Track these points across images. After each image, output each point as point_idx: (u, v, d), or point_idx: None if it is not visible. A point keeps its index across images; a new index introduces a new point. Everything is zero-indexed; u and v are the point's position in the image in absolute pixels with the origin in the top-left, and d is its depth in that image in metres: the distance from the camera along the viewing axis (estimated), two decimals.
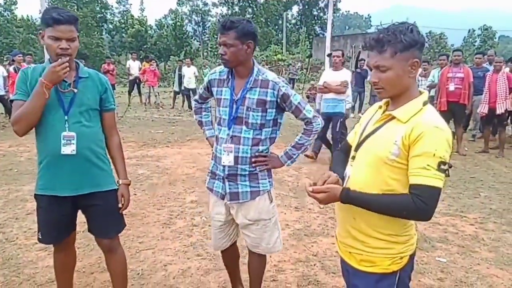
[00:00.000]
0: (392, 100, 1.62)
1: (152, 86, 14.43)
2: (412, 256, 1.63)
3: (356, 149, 1.67)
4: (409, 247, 1.60)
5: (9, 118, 10.60)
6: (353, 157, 1.68)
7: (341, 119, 6.36)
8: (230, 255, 2.63)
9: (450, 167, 1.46)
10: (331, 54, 7.33)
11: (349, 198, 1.54)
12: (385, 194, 1.53)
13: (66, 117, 2.17)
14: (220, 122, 2.34)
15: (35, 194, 2.32)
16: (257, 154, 2.29)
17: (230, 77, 2.31)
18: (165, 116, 12.13)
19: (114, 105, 2.43)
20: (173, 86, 15.76)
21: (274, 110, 2.27)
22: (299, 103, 2.29)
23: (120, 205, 2.35)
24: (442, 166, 1.42)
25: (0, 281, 3.00)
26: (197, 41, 50.46)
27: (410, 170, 1.46)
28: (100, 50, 33.80)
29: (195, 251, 3.54)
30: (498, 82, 7.23)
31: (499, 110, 7.19)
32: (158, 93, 15.01)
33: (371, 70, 1.67)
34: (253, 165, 2.29)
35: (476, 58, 8.70)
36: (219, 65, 2.44)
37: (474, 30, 45.75)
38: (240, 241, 2.66)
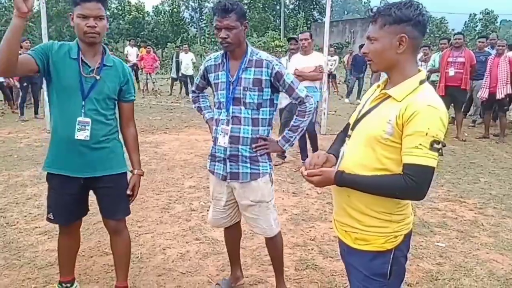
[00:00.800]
0: (389, 79, 1.61)
1: (150, 73, 14.38)
2: (407, 236, 1.61)
3: (353, 128, 1.66)
4: (404, 226, 1.59)
5: (8, 105, 10.76)
6: (349, 136, 1.67)
7: (317, 110, 5.31)
8: (232, 234, 2.67)
9: (444, 146, 1.44)
10: (293, 38, 6.40)
11: (343, 180, 1.55)
12: (378, 175, 1.52)
13: (83, 103, 2.20)
14: (220, 106, 2.37)
15: (47, 174, 2.34)
16: (257, 136, 2.31)
17: (224, 60, 2.35)
18: (163, 103, 12.09)
19: (134, 96, 2.45)
20: (170, 72, 15.69)
21: (269, 89, 2.30)
22: (292, 82, 2.31)
23: (129, 192, 2.40)
24: (435, 145, 1.41)
25: (1, 264, 3.03)
26: (194, 27, 50.05)
27: (403, 150, 1.45)
28: None
29: (194, 235, 3.55)
30: (499, 66, 7.10)
31: (500, 95, 7.09)
32: (155, 80, 14.98)
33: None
34: (254, 150, 2.31)
35: (478, 42, 8.55)
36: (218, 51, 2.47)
37: (475, 15, 45.31)
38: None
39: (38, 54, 2.12)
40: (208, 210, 3.19)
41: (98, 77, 2.21)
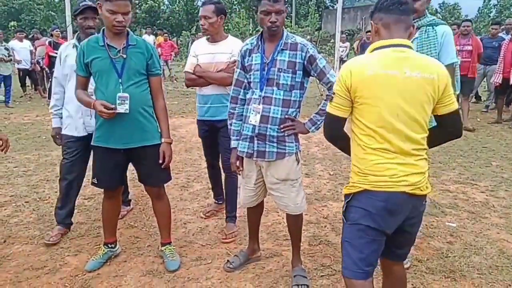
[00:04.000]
0: None
1: (167, 60, 14.52)
2: (371, 192, 1.72)
3: None
4: (365, 181, 1.73)
5: (35, 90, 11.20)
6: None
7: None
8: (256, 210, 2.78)
9: (334, 93, 1.78)
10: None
11: None
12: None
13: (120, 80, 2.46)
14: (251, 85, 2.46)
15: (91, 145, 2.67)
16: (286, 116, 2.38)
17: (260, 43, 2.44)
18: (179, 89, 12.19)
19: (160, 70, 2.67)
20: (186, 60, 15.73)
21: (302, 72, 2.38)
22: (324, 66, 2.38)
23: (160, 161, 2.59)
24: (332, 94, 1.80)
25: (37, 234, 3.27)
26: None
27: None
28: None
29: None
30: None
31: None
32: (172, 66, 15.16)
33: None
34: (281, 130, 2.38)
35: (492, 28, 8.46)
36: None
37: (489, 0, 44.19)
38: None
39: (80, 67, 2.56)
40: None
41: (124, 56, 2.47)
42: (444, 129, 1.84)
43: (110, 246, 2.85)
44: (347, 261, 1.77)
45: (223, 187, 3.41)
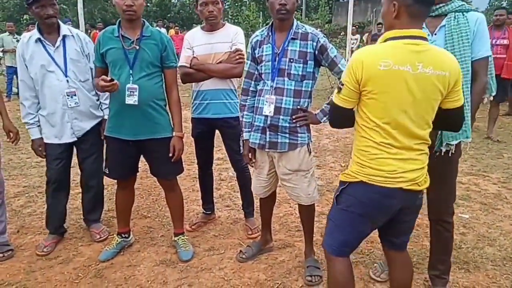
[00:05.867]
0: None
1: (178, 54, 14.54)
2: (367, 184, 1.72)
3: None
4: (361, 173, 1.74)
5: None
6: None
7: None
8: (268, 201, 2.78)
9: (343, 85, 1.71)
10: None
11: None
12: None
13: (131, 71, 2.45)
14: (263, 76, 2.43)
15: (105, 135, 2.68)
16: (298, 107, 2.36)
17: (270, 33, 2.41)
18: None
19: (175, 63, 2.62)
20: None
21: (313, 62, 2.35)
22: (335, 56, 2.36)
23: (170, 154, 2.59)
24: (340, 85, 1.73)
25: (72, 223, 3.33)
26: None
27: None
28: None
29: (224, 202, 3.73)
30: None
31: None
32: None
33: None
34: (294, 121, 2.37)
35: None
36: (245, 34, 2.52)
37: None
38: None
39: (97, 58, 2.58)
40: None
41: (137, 47, 2.46)
42: (443, 121, 1.78)
43: (123, 236, 2.87)
44: (328, 238, 1.89)
45: (213, 196, 3.39)
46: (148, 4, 38.84)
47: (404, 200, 1.75)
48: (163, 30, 15.33)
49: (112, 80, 2.36)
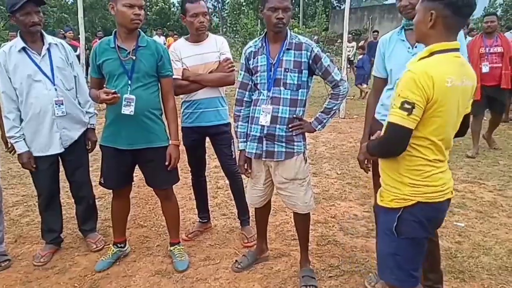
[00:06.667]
0: None
1: None
2: (426, 205, 1.69)
3: None
4: (418, 193, 1.68)
5: None
6: None
7: (233, 139, 3.07)
8: (263, 210, 2.78)
9: (409, 104, 1.54)
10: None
11: (367, 150, 1.85)
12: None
13: (129, 82, 2.47)
14: (258, 86, 2.45)
15: (100, 145, 2.68)
16: (294, 116, 2.39)
17: (264, 44, 2.44)
18: None
19: (171, 72, 2.64)
20: None
21: (307, 71, 2.39)
22: (328, 65, 2.39)
23: (166, 163, 2.59)
24: (406, 105, 1.55)
25: (69, 232, 3.31)
26: (216, 17, 50.25)
27: None
28: None
29: (220, 211, 3.74)
30: None
31: None
32: None
33: None
34: (290, 129, 2.40)
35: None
36: (243, 41, 2.56)
37: (495, 0, 43.87)
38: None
39: (93, 69, 2.59)
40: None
41: (134, 58, 2.48)
42: (459, 129, 1.80)
43: (119, 246, 2.87)
44: (399, 273, 1.76)
45: (208, 204, 3.41)
46: (148, 13, 39.23)
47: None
48: (162, 39, 15.45)
49: (114, 92, 2.39)
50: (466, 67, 1.67)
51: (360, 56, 11.75)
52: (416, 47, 2.20)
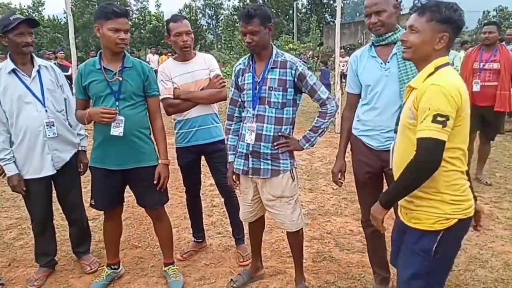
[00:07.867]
0: (417, 70, 1.76)
1: None
2: (464, 221, 1.66)
3: (397, 123, 1.84)
4: (459, 211, 1.64)
5: None
6: (395, 131, 1.86)
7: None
8: (256, 227, 2.78)
9: (443, 117, 1.52)
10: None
11: (385, 205, 1.73)
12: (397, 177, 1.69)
13: (117, 103, 2.48)
14: (245, 104, 2.49)
15: (89, 166, 2.68)
16: (279, 134, 2.40)
17: (251, 62, 2.47)
18: None
19: (157, 91, 2.66)
20: None
21: (293, 89, 2.40)
22: (314, 83, 2.40)
23: (155, 182, 2.59)
24: (439, 118, 1.52)
25: (63, 255, 3.28)
26: (211, 34, 50.81)
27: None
28: None
29: (216, 230, 3.72)
30: None
31: None
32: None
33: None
34: (275, 147, 2.40)
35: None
36: (237, 58, 2.59)
37: (489, 12, 44.59)
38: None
39: (79, 90, 2.59)
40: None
41: (120, 79, 2.50)
42: None
43: (113, 267, 2.85)
44: None
45: (203, 224, 3.38)
46: (142, 31, 39.63)
47: None
48: (156, 57, 15.61)
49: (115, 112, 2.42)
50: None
51: None
52: (388, 62, 2.23)
